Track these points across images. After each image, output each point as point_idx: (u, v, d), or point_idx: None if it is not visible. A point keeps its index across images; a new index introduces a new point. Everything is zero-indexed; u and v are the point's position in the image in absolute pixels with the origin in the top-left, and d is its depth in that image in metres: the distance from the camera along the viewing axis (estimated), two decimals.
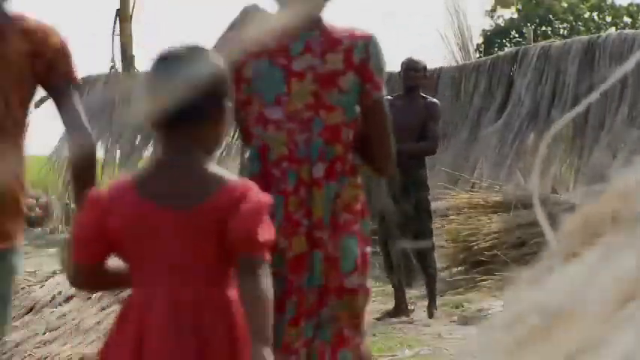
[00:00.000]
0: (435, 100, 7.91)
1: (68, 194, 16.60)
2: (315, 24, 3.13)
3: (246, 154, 3.35)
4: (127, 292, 2.78)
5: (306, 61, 3.08)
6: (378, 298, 8.38)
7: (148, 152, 16.34)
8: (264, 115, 3.10)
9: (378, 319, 7.20)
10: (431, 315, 7.42)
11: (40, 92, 3.47)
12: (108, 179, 16.47)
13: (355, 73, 3.05)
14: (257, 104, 3.11)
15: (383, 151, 3.17)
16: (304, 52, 3.08)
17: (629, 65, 1.12)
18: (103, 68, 16.66)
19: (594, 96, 1.22)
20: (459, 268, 9.88)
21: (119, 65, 16.25)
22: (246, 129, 3.20)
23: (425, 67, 7.65)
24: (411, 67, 7.52)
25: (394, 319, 7.33)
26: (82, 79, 17.18)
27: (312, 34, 3.09)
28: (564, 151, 11.88)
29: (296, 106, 3.07)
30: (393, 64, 7.48)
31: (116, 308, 8.53)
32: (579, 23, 34.54)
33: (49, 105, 3.50)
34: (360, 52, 3.05)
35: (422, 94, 7.60)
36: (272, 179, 3.06)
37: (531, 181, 10.04)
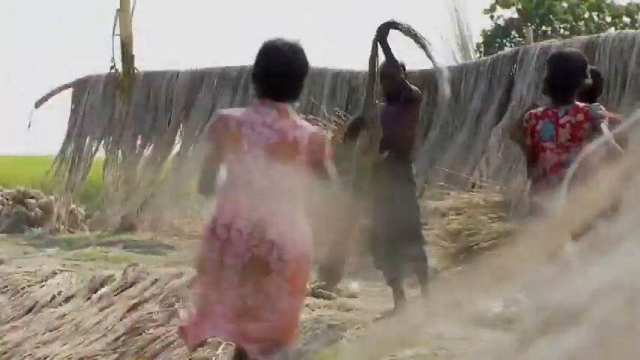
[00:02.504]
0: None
1: (69, 194, 16.61)
2: None
3: None
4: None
5: None
6: (379, 299, 8.39)
7: (149, 152, 16.34)
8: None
9: (378, 319, 7.20)
10: None
11: (41, 92, 3.47)
12: (109, 179, 16.48)
13: None
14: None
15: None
16: None
17: None
18: (103, 68, 16.67)
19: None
20: (459, 268, 9.88)
21: (119, 65, 16.23)
22: None
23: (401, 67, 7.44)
24: (383, 76, 7.31)
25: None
26: (82, 79, 17.07)
27: None
28: None
29: None
30: None
31: (116, 308, 8.54)
32: (579, 23, 34.53)
33: (49, 105, 3.50)
34: None
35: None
36: None
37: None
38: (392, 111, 7.26)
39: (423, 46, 7.16)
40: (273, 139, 4.22)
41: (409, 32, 7.11)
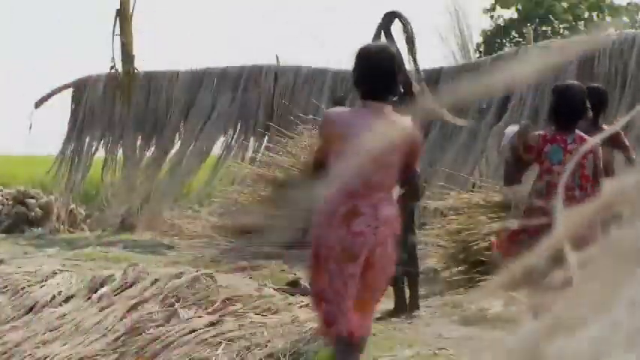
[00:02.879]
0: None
1: (69, 194, 16.62)
2: None
3: None
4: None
5: None
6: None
7: (149, 152, 16.35)
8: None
9: (378, 318, 7.20)
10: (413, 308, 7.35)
11: (41, 92, 3.47)
12: (109, 179, 16.49)
13: None
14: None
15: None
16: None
17: None
18: (103, 68, 16.67)
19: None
20: (459, 268, 9.89)
21: (119, 65, 16.24)
22: None
23: None
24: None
25: (394, 319, 7.33)
26: (82, 79, 17.06)
27: None
28: None
29: None
30: None
31: (116, 308, 8.54)
32: (579, 23, 34.54)
33: (49, 105, 3.50)
34: None
35: None
36: None
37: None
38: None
39: (411, 45, 7.14)
40: (375, 143, 4.41)
41: (406, 27, 7.10)
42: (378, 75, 4.79)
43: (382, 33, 7.03)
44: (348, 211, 4.60)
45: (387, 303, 7.76)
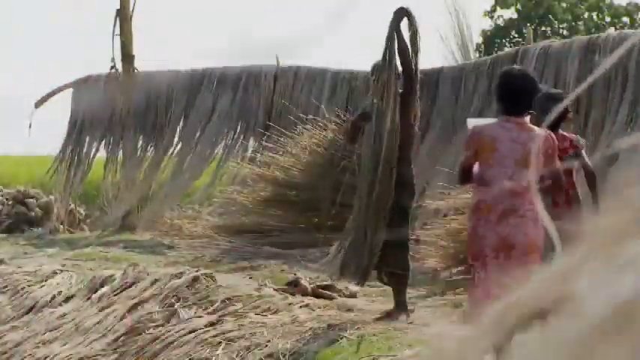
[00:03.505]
0: None
1: (69, 194, 16.62)
2: None
3: None
4: None
5: None
6: (379, 299, 8.39)
7: (149, 152, 16.34)
8: None
9: (378, 319, 7.20)
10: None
11: (41, 92, 3.47)
12: (110, 178, 16.49)
13: None
14: None
15: None
16: None
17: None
18: (103, 68, 16.67)
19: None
20: (459, 268, 9.88)
21: (119, 65, 16.23)
22: None
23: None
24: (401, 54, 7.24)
25: (394, 319, 7.30)
26: (82, 79, 17.01)
27: None
28: None
29: None
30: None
31: (116, 308, 8.54)
32: (578, 23, 34.54)
33: (49, 105, 3.51)
34: None
35: None
36: None
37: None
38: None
39: (415, 44, 7.12)
40: (519, 153, 5.46)
41: (413, 25, 7.10)
42: (521, 96, 5.66)
43: (395, 31, 7.03)
44: (506, 209, 5.44)
45: (386, 303, 7.76)
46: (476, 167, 5.62)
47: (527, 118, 5.66)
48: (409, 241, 7.45)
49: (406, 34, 7.16)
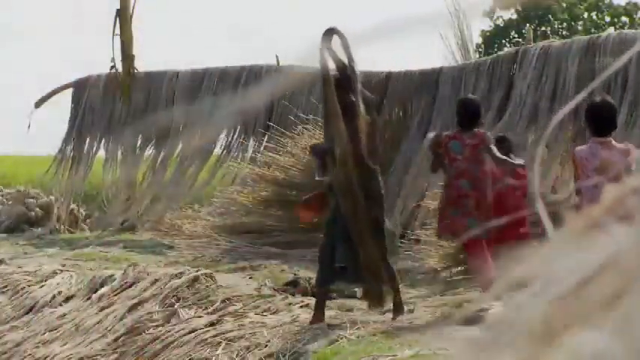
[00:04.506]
0: None
1: (70, 194, 16.61)
2: None
3: None
4: None
5: None
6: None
7: (149, 152, 16.35)
8: None
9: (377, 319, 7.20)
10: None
11: (41, 92, 3.48)
12: (109, 178, 16.49)
13: None
14: None
15: None
16: None
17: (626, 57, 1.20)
18: (103, 68, 16.67)
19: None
20: (459, 268, 9.88)
21: (119, 65, 16.23)
22: None
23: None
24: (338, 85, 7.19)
25: (393, 319, 7.30)
26: (82, 79, 17.03)
27: None
28: (565, 151, 11.88)
29: None
30: (393, 64, 7.52)
31: (116, 308, 8.54)
32: (578, 23, 34.53)
33: (49, 105, 3.51)
34: None
35: None
36: None
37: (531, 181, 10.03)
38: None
39: (350, 59, 7.17)
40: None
41: (343, 41, 7.13)
42: (611, 121, 6.72)
43: (325, 49, 7.06)
44: None
45: (386, 303, 7.76)
46: None
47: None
48: (386, 250, 7.26)
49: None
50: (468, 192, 7.36)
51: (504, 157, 7.58)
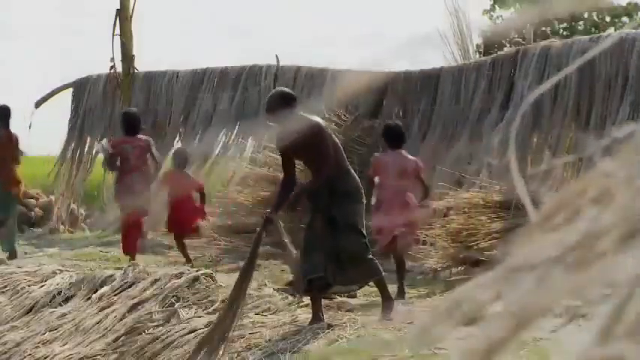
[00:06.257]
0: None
1: (70, 195, 16.61)
2: None
3: None
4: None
5: None
6: (378, 299, 8.38)
7: None
8: None
9: (383, 318, 7.20)
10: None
11: (41, 93, 3.48)
12: (110, 179, 16.50)
13: None
14: None
15: None
16: None
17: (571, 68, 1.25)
18: (103, 68, 16.67)
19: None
20: (459, 268, 9.89)
21: (119, 65, 16.23)
22: None
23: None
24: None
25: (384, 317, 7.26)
26: (82, 79, 17.07)
27: None
28: (565, 151, 11.88)
29: None
30: (393, 64, 7.51)
31: (116, 308, 8.54)
32: (578, 23, 34.55)
33: (49, 105, 3.51)
34: None
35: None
36: None
37: (531, 181, 10.04)
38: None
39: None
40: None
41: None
42: (400, 138, 8.83)
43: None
44: None
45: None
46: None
47: None
48: (366, 249, 7.24)
49: None
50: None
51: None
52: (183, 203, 10.81)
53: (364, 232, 7.16)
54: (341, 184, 7.08)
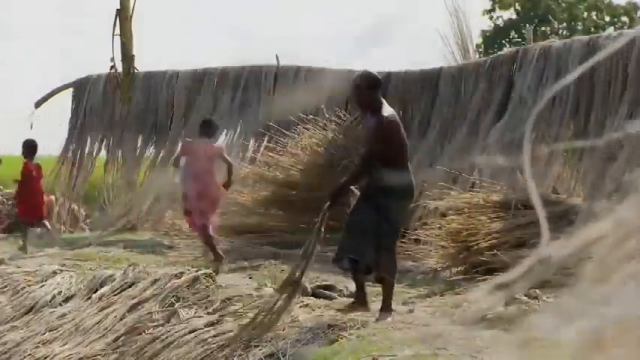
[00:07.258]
0: (383, 115, 7.20)
1: (70, 194, 16.61)
2: None
3: None
4: None
5: None
6: (379, 298, 8.38)
7: (149, 152, 16.34)
8: None
9: (377, 320, 7.19)
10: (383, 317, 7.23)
11: (41, 92, 3.48)
12: (110, 179, 16.49)
13: None
14: None
15: None
16: None
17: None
18: (103, 68, 16.66)
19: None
20: (459, 268, 9.89)
21: (119, 65, 16.22)
22: None
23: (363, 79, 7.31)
24: (354, 84, 7.34)
25: (380, 319, 7.24)
26: (82, 79, 17.11)
27: None
28: (565, 151, 11.87)
29: None
30: (393, 64, 7.50)
31: (116, 308, 8.54)
32: (577, 23, 34.55)
33: (49, 105, 3.51)
34: None
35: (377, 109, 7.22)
36: None
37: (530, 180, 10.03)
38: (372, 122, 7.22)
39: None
40: None
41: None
42: (208, 130, 10.12)
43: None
44: None
45: (379, 302, 7.76)
46: None
47: None
48: (395, 247, 7.42)
49: None
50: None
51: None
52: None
53: (400, 230, 7.38)
54: (395, 179, 7.15)
